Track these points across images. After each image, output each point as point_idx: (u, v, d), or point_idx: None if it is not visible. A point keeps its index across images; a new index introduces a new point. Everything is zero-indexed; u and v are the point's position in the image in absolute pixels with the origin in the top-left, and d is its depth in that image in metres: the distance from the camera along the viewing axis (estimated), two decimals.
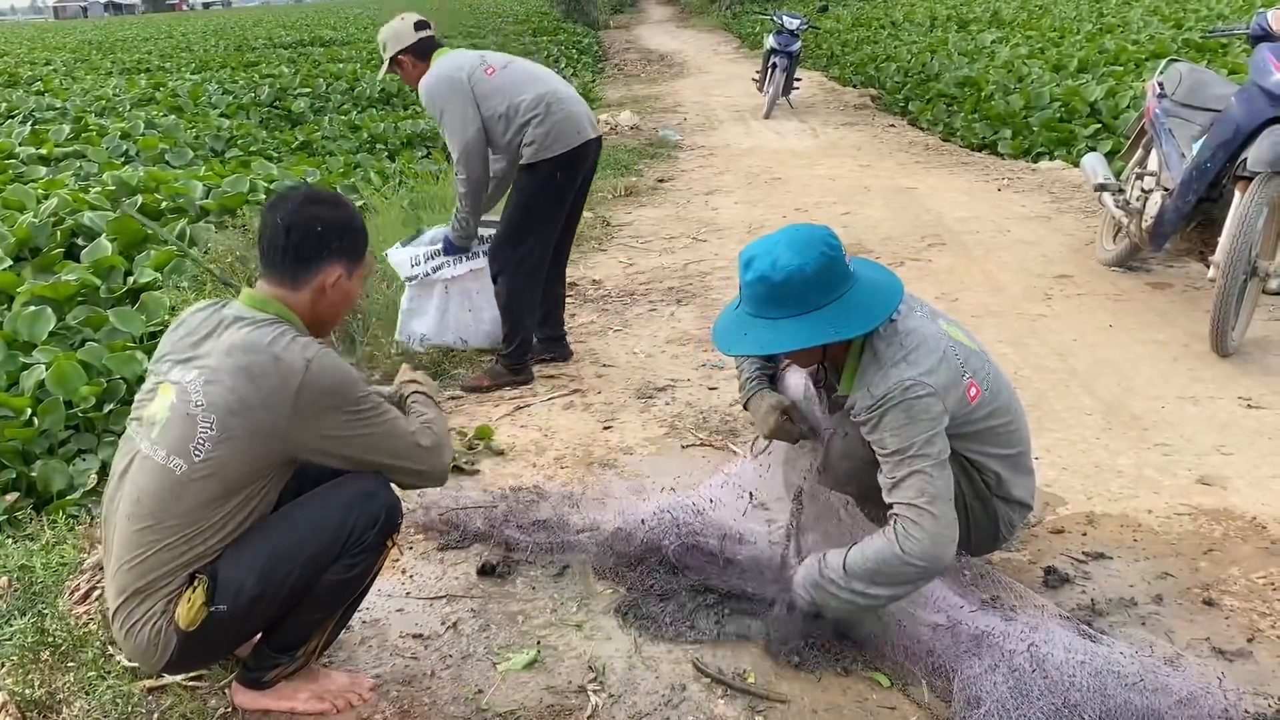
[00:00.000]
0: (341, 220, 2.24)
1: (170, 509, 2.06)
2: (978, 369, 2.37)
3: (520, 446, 3.72)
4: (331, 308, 2.27)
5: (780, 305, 2.26)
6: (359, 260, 2.29)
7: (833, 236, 2.31)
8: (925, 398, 2.21)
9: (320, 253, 2.20)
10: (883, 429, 2.24)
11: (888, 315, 2.28)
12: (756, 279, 2.27)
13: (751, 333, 2.29)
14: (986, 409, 2.37)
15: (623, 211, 7.60)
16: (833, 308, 2.25)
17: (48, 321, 4.97)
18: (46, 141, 10.45)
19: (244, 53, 25.85)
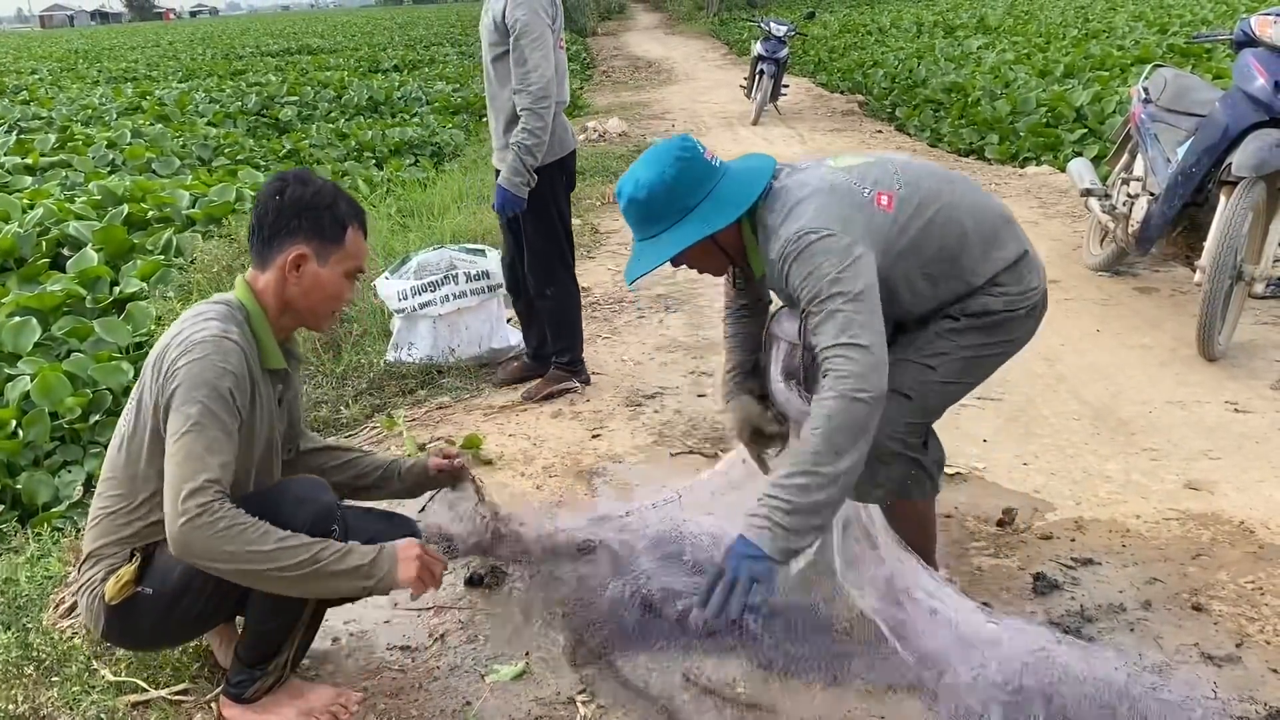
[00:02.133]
0: (305, 198, 2.17)
1: (116, 472, 2.16)
2: (881, 177, 2.32)
3: (509, 455, 3.71)
4: (304, 295, 2.20)
5: (657, 220, 2.32)
6: (331, 245, 2.19)
7: (687, 140, 2.35)
8: (821, 239, 2.18)
9: (280, 231, 2.17)
10: (792, 287, 2.23)
11: (757, 193, 2.31)
12: (627, 203, 2.34)
13: (644, 253, 2.35)
14: (913, 205, 2.30)
15: (611, 218, 7.59)
16: (704, 205, 2.31)
17: (33, 332, 4.96)
18: (32, 151, 10.43)
19: (231, 61, 25.84)
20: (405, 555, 2.07)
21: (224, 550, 1.92)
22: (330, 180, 2.31)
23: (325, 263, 2.20)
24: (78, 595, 2.24)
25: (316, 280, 2.20)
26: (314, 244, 2.18)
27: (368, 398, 4.28)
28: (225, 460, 2.00)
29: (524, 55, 3.75)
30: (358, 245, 2.26)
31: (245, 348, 2.12)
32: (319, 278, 2.20)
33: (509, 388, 4.37)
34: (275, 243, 2.18)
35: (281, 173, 2.26)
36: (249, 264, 2.29)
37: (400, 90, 15.66)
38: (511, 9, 3.74)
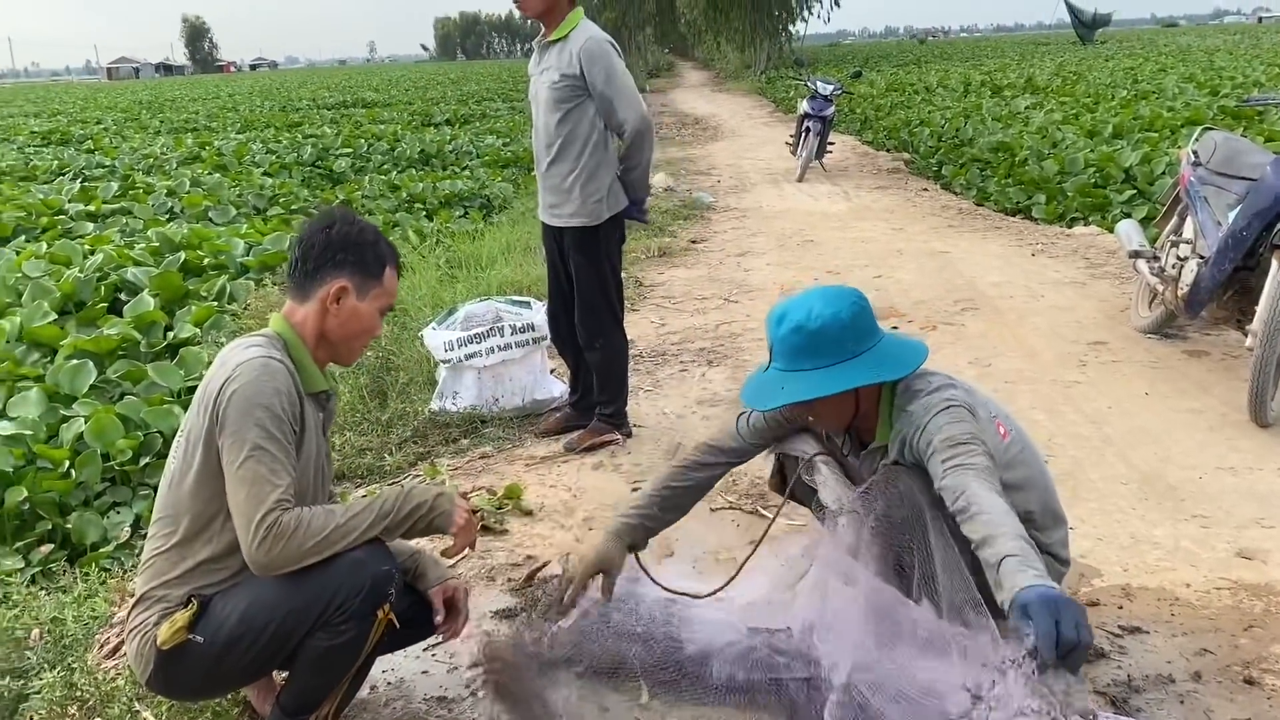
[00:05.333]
0: (351, 235, 2.28)
1: (166, 511, 2.19)
2: (1000, 413, 2.42)
3: (549, 507, 3.72)
4: (341, 327, 2.28)
5: (818, 354, 2.28)
6: (371, 281, 2.29)
7: (860, 292, 2.36)
8: (962, 407, 2.24)
9: (325, 264, 2.26)
10: (929, 432, 2.22)
11: (924, 357, 2.32)
12: (792, 330, 2.29)
13: (789, 385, 2.29)
14: (1015, 450, 2.39)
15: (655, 272, 7.66)
16: (870, 354, 2.29)
17: (89, 375, 5.06)
18: (95, 198, 10.73)
19: (288, 113, 26.51)
20: (460, 504, 2.27)
21: (301, 552, 2.05)
22: (371, 222, 2.39)
23: (364, 297, 2.29)
24: (126, 637, 2.27)
25: (355, 313, 2.29)
26: (356, 278, 2.27)
27: (411, 446, 4.33)
28: (288, 479, 2.08)
29: (621, 87, 3.86)
30: (393, 283, 2.36)
31: (289, 369, 2.19)
32: (357, 311, 2.29)
33: (551, 438, 4.40)
34: (319, 275, 2.26)
35: (327, 210, 2.35)
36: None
37: (452, 144, 15.95)
38: (588, 59, 3.83)
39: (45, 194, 11.14)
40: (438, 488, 2.30)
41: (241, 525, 2.04)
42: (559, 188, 4.04)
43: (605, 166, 3.99)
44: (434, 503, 2.23)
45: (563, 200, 4.04)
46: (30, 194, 11.18)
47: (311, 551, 2.06)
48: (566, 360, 4.51)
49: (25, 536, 4.05)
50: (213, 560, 2.16)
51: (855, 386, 2.27)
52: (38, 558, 3.90)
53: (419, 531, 2.25)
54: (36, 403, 4.78)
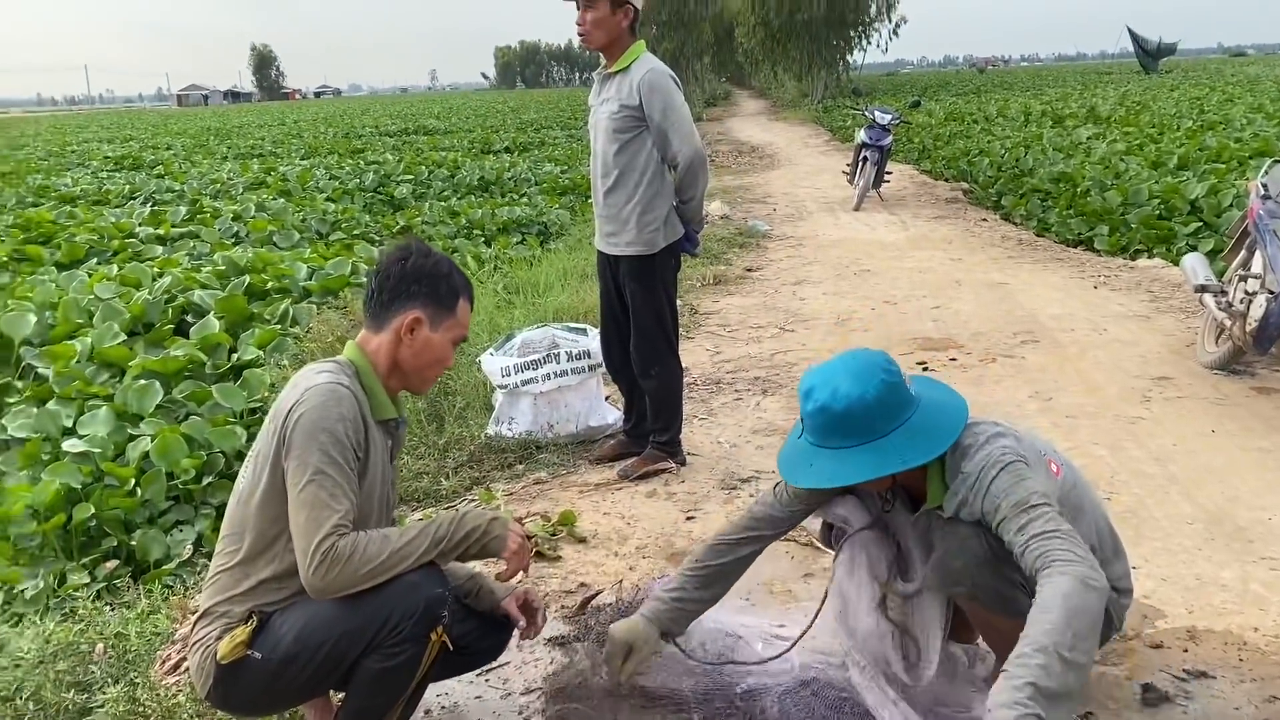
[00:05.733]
0: (426, 267, 2.32)
1: (232, 528, 2.24)
2: (1047, 450, 2.37)
3: (602, 534, 3.73)
4: (414, 357, 2.32)
5: (845, 435, 2.22)
6: (444, 312, 2.33)
7: (891, 362, 2.29)
8: (1023, 464, 2.20)
9: (400, 295, 2.30)
10: (992, 496, 2.17)
11: (955, 436, 2.25)
12: (818, 409, 2.24)
13: (817, 463, 2.25)
14: (1068, 486, 2.35)
15: (710, 300, 7.66)
16: (898, 434, 2.22)
17: (155, 395, 5.18)
18: (164, 222, 11.03)
19: (351, 140, 27.03)
20: (514, 529, 2.29)
21: (356, 577, 2.08)
22: (446, 254, 2.43)
23: (437, 328, 2.33)
24: (188, 652, 2.31)
25: (427, 344, 2.32)
26: (429, 310, 2.31)
27: (467, 470, 4.37)
28: (348, 505, 2.12)
29: (677, 120, 3.89)
30: (465, 315, 2.40)
31: (357, 395, 2.23)
32: (430, 342, 2.32)
33: (605, 465, 4.41)
34: (394, 306, 2.31)
35: (404, 243, 2.38)
36: (360, 334, 2.41)
37: (510, 171, 16.15)
38: (647, 90, 3.87)
39: (117, 217, 11.48)
40: (492, 512, 2.32)
41: (300, 549, 2.08)
42: (616, 216, 4.07)
43: (662, 196, 4.02)
44: (487, 527, 2.25)
45: (619, 229, 4.07)
46: (103, 217, 11.53)
47: (366, 577, 2.09)
48: (621, 387, 4.52)
49: (92, 552, 4.15)
50: (274, 579, 2.20)
51: (883, 475, 2.21)
52: (103, 574, 4.00)
53: (472, 556, 2.28)
54: (105, 421, 4.91)
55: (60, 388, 5.41)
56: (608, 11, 3.87)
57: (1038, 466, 2.25)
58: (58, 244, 9.70)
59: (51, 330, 6.35)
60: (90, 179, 17.81)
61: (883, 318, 6.90)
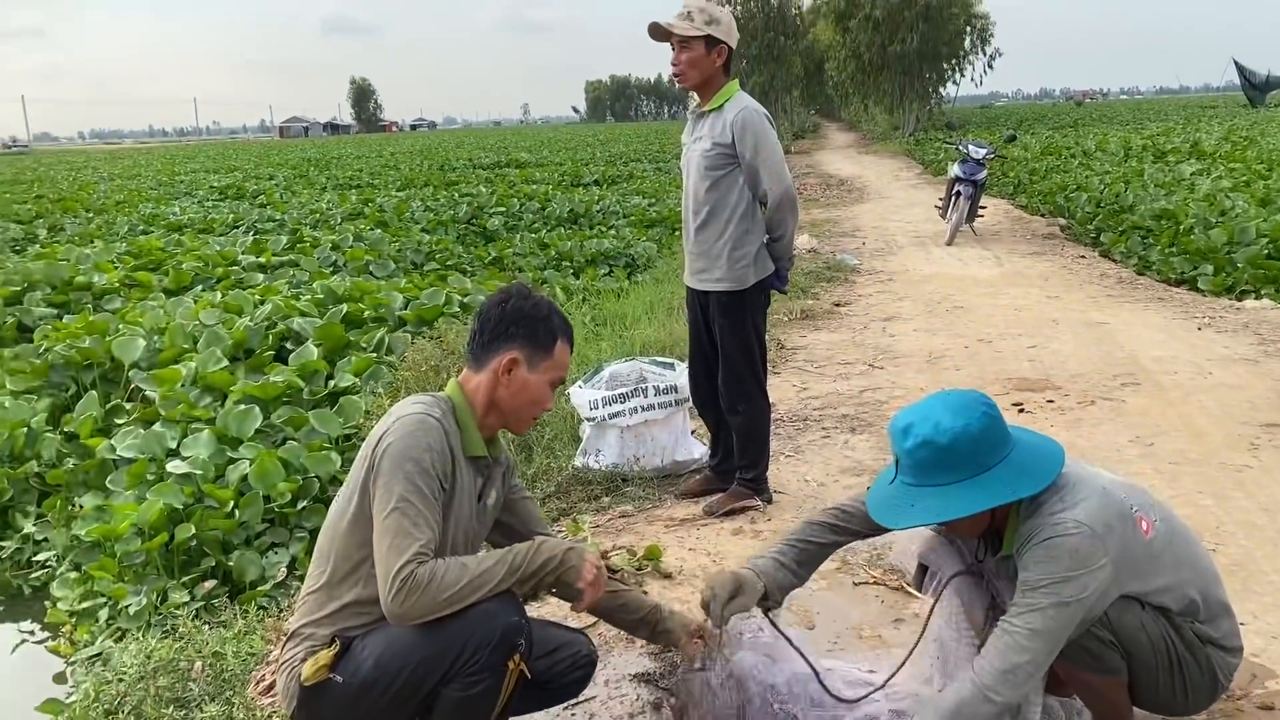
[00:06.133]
0: (524, 309, 2.37)
1: (322, 552, 2.30)
2: (1144, 504, 2.28)
3: (688, 570, 3.71)
4: (512, 397, 2.36)
5: (948, 470, 2.18)
6: (541, 354, 2.36)
7: (988, 399, 2.26)
8: (1075, 538, 2.12)
9: (498, 336, 2.36)
10: (1026, 563, 2.17)
11: (1059, 468, 2.21)
12: (919, 444, 2.20)
13: (920, 502, 2.20)
14: (1161, 543, 2.26)
15: (798, 334, 7.61)
16: (1002, 467, 2.18)
17: (255, 420, 5.34)
18: (266, 250, 11.40)
19: (446, 172, 27.64)
20: (590, 559, 2.29)
21: (435, 604, 2.10)
22: (548, 297, 2.47)
23: (534, 369, 2.36)
24: (278, 672, 2.37)
25: (524, 384, 2.36)
26: (526, 350, 2.35)
27: (555, 501, 4.40)
28: (430, 535, 2.15)
29: (768, 158, 3.90)
30: (564, 357, 2.43)
31: (446, 428, 2.27)
32: (527, 382, 2.36)
33: (690, 500, 4.40)
34: (493, 347, 2.36)
35: (506, 286, 2.45)
36: (454, 365, 2.48)
37: (599, 203, 16.32)
38: (740, 128, 3.89)
39: (221, 246, 11.90)
40: (568, 542, 2.33)
41: (381, 575, 2.12)
42: (706, 253, 4.08)
43: (753, 233, 4.02)
44: (564, 557, 2.26)
45: (709, 265, 4.08)
46: (208, 245, 11.97)
47: (444, 604, 2.11)
48: (708, 422, 4.51)
49: (191, 572, 4.29)
50: (357, 604, 2.24)
51: (989, 508, 2.18)
52: (202, 593, 4.13)
53: (549, 585, 2.29)
54: (207, 444, 5.07)
55: (166, 410, 5.62)
56: (702, 51, 3.90)
57: (1112, 530, 2.16)
58: (166, 271, 10.09)
59: (159, 354, 6.60)
60: (197, 208, 18.53)
61: (976, 356, 6.76)
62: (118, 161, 49.81)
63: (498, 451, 2.49)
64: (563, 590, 2.34)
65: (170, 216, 16.79)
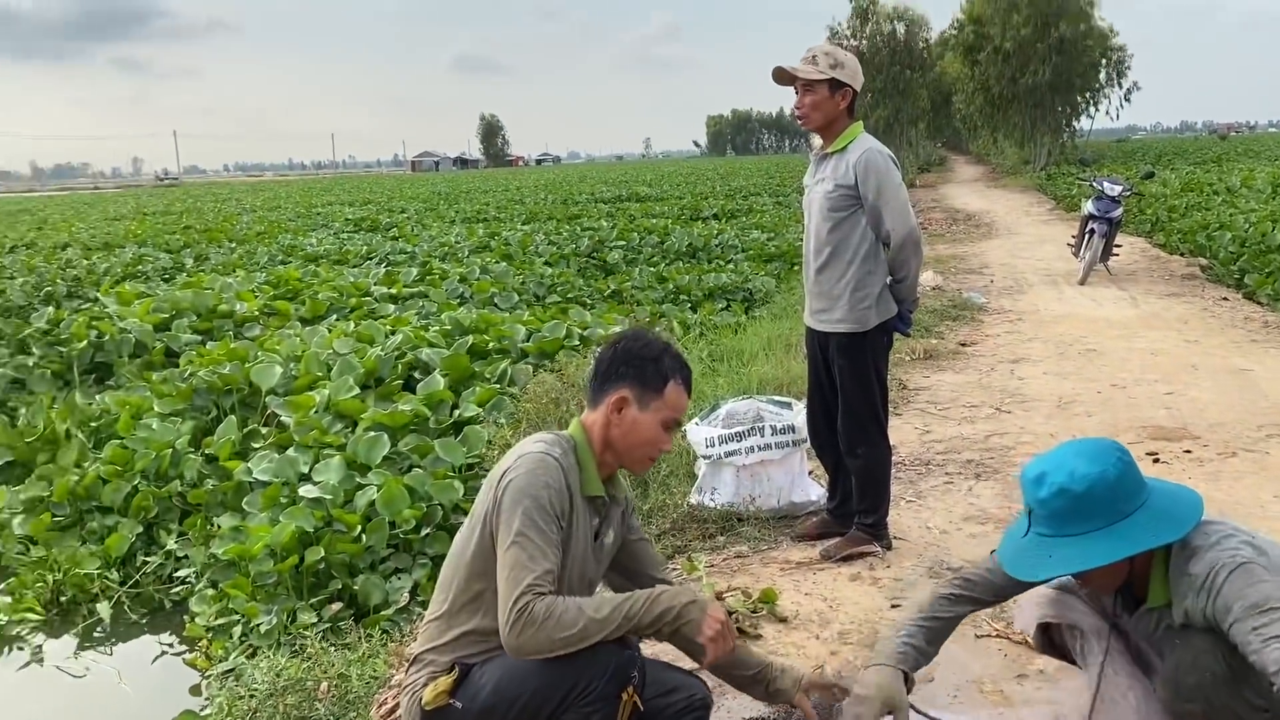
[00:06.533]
0: (636, 350, 2.44)
1: (445, 577, 2.39)
2: None
3: (804, 615, 3.67)
4: (624, 436, 2.41)
5: (1086, 518, 2.12)
6: (651, 393, 2.41)
7: (1121, 445, 2.20)
8: (1254, 565, 2.03)
9: (610, 376, 2.43)
10: (1224, 598, 2.03)
11: (1200, 513, 2.14)
12: (1055, 493, 2.14)
13: (1057, 553, 2.14)
14: None
15: (920, 375, 7.47)
16: (1142, 513, 2.12)
17: (383, 447, 5.51)
18: (397, 282, 11.79)
19: (569, 206, 28.16)
20: (713, 612, 2.29)
21: (551, 642, 2.15)
22: (663, 340, 2.52)
23: (645, 409, 2.41)
24: (400, 696, 2.46)
25: (635, 424, 2.41)
26: (636, 390, 2.41)
27: (670, 538, 4.41)
28: (548, 567, 2.20)
29: (891, 200, 3.87)
30: (677, 398, 2.46)
31: (565, 467, 2.33)
32: (637, 421, 2.41)
33: (807, 543, 4.35)
34: (606, 386, 2.44)
35: (625, 329, 2.52)
36: (574, 398, 2.56)
37: (718, 237, 16.37)
38: (863, 170, 3.87)
39: (355, 277, 12.37)
40: (689, 594, 2.34)
41: (501, 606, 2.19)
42: (827, 293, 4.06)
43: (875, 275, 3.99)
44: (682, 610, 2.27)
45: (830, 305, 4.06)
46: (342, 276, 12.45)
47: (560, 645, 2.16)
48: (825, 464, 4.46)
49: (320, 594, 4.44)
50: (476, 633, 2.32)
51: (1132, 554, 2.11)
52: (328, 614, 4.27)
53: (665, 635, 2.32)
54: (337, 470, 5.26)
55: (300, 436, 5.85)
56: (826, 94, 3.91)
57: (1276, 570, 2.07)
58: (303, 300, 10.54)
59: (295, 381, 6.89)
60: (332, 240, 19.31)
61: (1109, 402, 6.51)
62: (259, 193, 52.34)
63: (617, 491, 2.52)
64: (681, 642, 2.36)
65: (307, 247, 17.55)
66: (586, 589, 2.47)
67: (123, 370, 8.41)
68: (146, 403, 6.78)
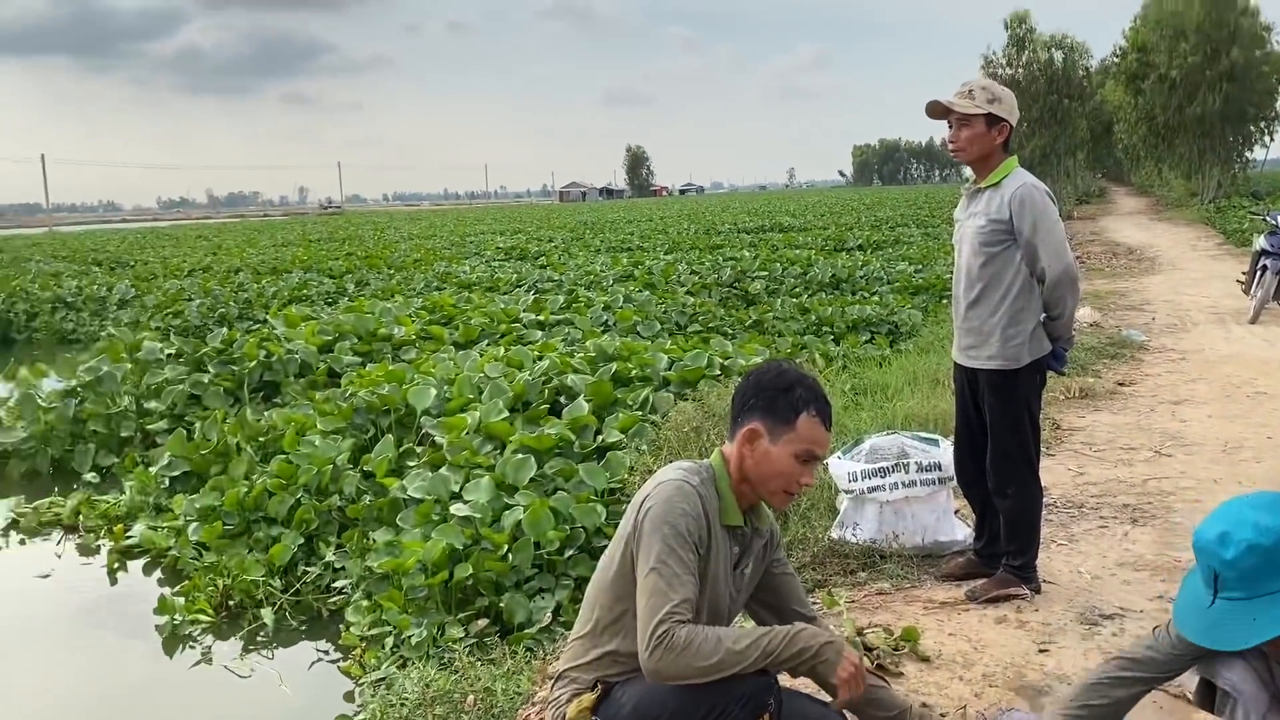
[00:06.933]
0: (765, 381, 2.47)
1: (589, 598, 2.47)
2: None
3: (947, 655, 3.60)
4: (756, 468, 2.43)
5: (1276, 575, 2.03)
6: (782, 425, 2.42)
7: None
8: None
9: (744, 408, 2.47)
10: None
11: None
12: (1244, 551, 2.04)
13: (1263, 615, 2.03)
14: None
15: (1075, 414, 7.21)
16: None
17: (530, 469, 5.68)
18: (544, 309, 12.11)
19: (711, 236, 28.32)
20: (848, 655, 2.31)
21: (689, 669, 2.20)
22: (800, 371, 2.53)
23: (776, 441, 2.43)
24: (545, 710, 2.55)
25: (766, 455, 2.43)
26: (766, 422, 2.44)
27: (810, 572, 4.39)
28: (686, 594, 2.25)
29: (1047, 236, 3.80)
30: (810, 430, 2.44)
31: (704, 495, 2.38)
32: (769, 454, 2.43)
33: (952, 583, 4.27)
34: (740, 418, 2.48)
35: (764, 361, 2.56)
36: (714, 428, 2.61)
37: (863, 269, 16.18)
38: (1018, 205, 3.81)
39: (505, 303, 12.77)
40: (827, 634, 2.36)
41: (639, 630, 2.26)
42: (978, 330, 3.99)
43: (1028, 311, 3.91)
44: (819, 650, 2.29)
45: (981, 342, 3.99)
46: (493, 303, 12.87)
47: (697, 674, 2.21)
48: (972, 503, 4.37)
49: (467, 609, 4.61)
50: (617, 654, 2.40)
51: None
52: (475, 630, 4.43)
53: (801, 673, 2.35)
54: (486, 490, 5.44)
55: (451, 455, 6.09)
56: (982, 129, 3.86)
57: None
58: (456, 325, 10.96)
59: (448, 403, 7.16)
60: (484, 267, 19.98)
61: None
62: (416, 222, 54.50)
63: (760, 523, 2.55)
64: (817, 678, 2.38)
65: (460, 275, 18.21)
66: (725, 618, 2.51)
67: (289, 389, 8.92)
68: (310, 420, 7.17)
